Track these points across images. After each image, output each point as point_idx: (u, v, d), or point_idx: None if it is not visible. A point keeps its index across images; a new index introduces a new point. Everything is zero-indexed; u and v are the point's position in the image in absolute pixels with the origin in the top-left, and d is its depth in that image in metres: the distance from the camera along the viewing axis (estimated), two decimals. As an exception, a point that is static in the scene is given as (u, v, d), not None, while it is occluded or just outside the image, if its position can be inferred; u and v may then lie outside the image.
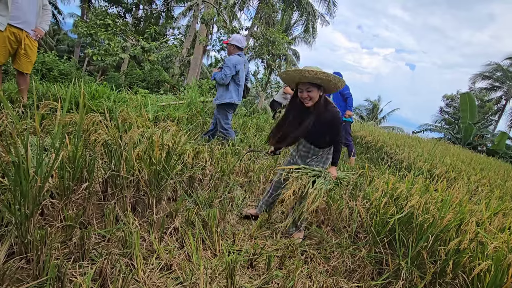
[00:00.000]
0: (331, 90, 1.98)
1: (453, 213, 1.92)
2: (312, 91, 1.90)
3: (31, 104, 2.83)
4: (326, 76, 1.82)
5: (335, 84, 1.89)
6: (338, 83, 1.89)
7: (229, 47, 3.66)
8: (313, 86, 1.90)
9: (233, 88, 3.59)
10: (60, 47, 23.17)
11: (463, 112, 15.54)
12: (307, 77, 1.84)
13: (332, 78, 1.83)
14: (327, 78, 1.83)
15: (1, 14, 2.73)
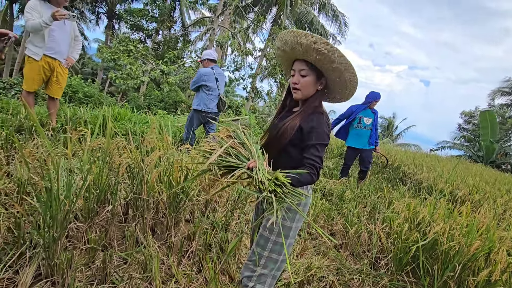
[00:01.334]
0: (335, 89, 1.28)
1: (480, 241, 1.83)
2: (307, 75, 1.23)
3: (59, 127, 3.00)
4: (330, 50, 1.11)
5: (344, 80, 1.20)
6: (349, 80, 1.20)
7: (203, 63, 4.05)
8: (310, 69, 1.22)
9: (202, 97, 3.92)
10: (84, 70, 24.61)
11: (483, 129, 15.02)
12: (302, 44, 1.15)
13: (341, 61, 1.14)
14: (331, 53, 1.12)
15: (38, 45, 2.97)
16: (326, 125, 1.23)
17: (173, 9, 12.66)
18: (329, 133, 1.24)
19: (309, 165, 1.15)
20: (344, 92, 1.28)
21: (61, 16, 2.74)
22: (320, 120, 1.22)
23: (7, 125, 2.54)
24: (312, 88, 1.26)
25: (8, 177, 1.92)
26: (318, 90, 1.27)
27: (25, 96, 3.08)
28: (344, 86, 1.24)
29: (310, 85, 1.25)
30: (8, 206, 1.68)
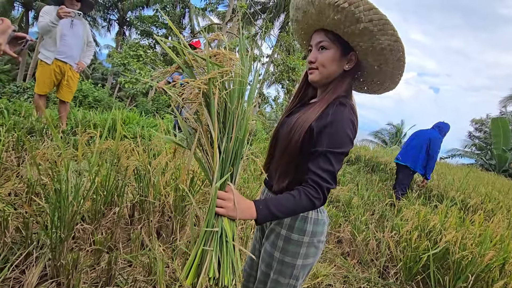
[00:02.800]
0: (371, 69, 0.89)
1: (494, 251, 1.76)
2: (327, 48, 0.87)
3: (69, 130, 3.05)
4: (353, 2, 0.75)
5: (381, 49, 0.80)
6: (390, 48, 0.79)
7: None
8: (332, 40, 0.86)
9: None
10: (95, 75, 25.18)
11: (495, 137, 14.69)
12: (314, 2, 0.82)
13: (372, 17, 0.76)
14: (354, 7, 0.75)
15: (50, 49, 3.05)
16: (349, 124, 0.81)
17: (182, 16, 12.90)
18: (353, 135, 0.82)
19: (311, 182, 0.79)
20: (386, 71, 0.85)
21: (66, 13, 2.79)
22: (340, 115, 0.81)
23: (19, 127, 2.60)
24: (334, 67, 0.87)
25: (18, 177, 1.95)
26: (346, 71, 0.88)
27: (36, 99, 3.15)
28: (384, 60, 0.82)
29: (331, 61, 0.87)
30: (18, 206, 1.70)
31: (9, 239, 1.41)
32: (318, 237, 0.92)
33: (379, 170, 5.92)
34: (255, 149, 4.87)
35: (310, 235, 0.90)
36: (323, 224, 0.93)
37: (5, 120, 2.67)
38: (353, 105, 0.87)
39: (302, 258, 0.90)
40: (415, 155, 4.04)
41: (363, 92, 0.98)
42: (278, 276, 0.92)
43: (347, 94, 0.89)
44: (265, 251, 0.97)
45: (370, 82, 0.94)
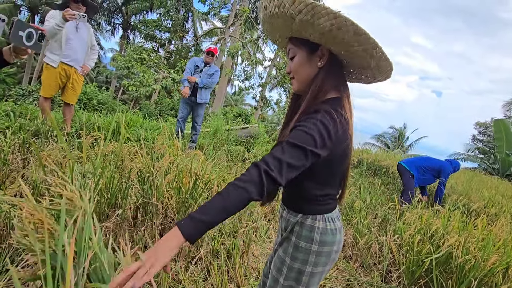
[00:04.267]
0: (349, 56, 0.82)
1: (498, 255, 1.76)
2: (294, 54, 0.88)
3: (74, 132, 3.08)
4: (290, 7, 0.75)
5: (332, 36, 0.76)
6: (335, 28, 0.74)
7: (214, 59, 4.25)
8: (296, 44, 0.87)
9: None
10: (99, 78, 25.40)
11: (498, 140, 14.58)
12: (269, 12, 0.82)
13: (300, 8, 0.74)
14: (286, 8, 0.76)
15: (56, 53, 3.10)
16: (322, 124, 0.74)
17: (185, 20, 13.03)
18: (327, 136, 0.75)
19: (253, 164, 0.71)
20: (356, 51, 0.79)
21: (70, 16, 2.83)
22: (316, 115, 0.76)
23: (24, 129, 2.63)
24: (308, 68, 0.85)
25: (23, 179, 1.98)
26: (321, 68, 0.84)
27: (42, 101, 3.19)
28: (341, 41, 0.76)
29: (301, 65, 0.86)
30: (23, 207, 1.72)
31: (14, 240, 1.43)
32: (329, 247, 0.90)
33: (382, 174, 5.91)
34: (257, 152, 4.89)
35: (319, 244, 0.89)
36: (333, 233, 0.90)
37: (11, 123, 2.71)
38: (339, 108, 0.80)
39: (312, 266, 0.90)
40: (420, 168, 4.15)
41: (362, 82, 0.94)
42: (287, 282, 0.92)
43: (335, 92, 0.85)
44: (278, 257, 0.97)
45: (358, 70, 0.88)
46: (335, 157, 0.82)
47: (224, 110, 8.53)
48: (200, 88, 4.10)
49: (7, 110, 3.21)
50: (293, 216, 0.93)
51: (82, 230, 0.81)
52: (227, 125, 5.92)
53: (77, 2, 3.07)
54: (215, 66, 4.29)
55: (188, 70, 4.10)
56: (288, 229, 0.95)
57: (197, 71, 4.13)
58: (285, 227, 0.97)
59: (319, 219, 0.90)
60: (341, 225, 0.97)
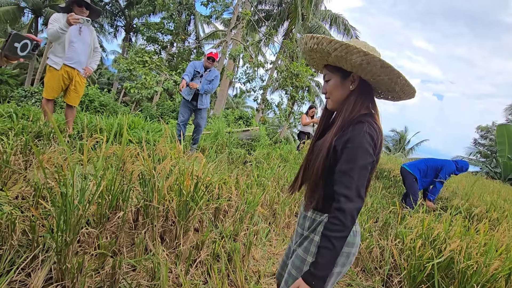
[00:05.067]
0: (376, 81, 0.96)
1: (500, 261, 1.74)
2: (329, 78, 1.03)
3: (75, 134, 3.09)
4: (319, 42, 0.94)
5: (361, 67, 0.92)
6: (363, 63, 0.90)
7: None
8: (330, 70, 1.02)
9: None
10: (101, 80, 25.53)
11: (500, 145, 14.53)
12: (305, 49, 1.03)
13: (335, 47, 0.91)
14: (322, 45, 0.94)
15: (59, 55, 3.12)
16: (367, 137, 0.88)
17: (188, 23, 13.11)
18: (372, 148, 0.89)
19: (334, 210, 0.86)
20: (382, 80, 0.94)
21: (75, 20, 2.85)
22: (358, 130, 0.89)
23: (26, 131, 2.64)
24: (340, 91, 1.01)
25: (25, 181, 1.99)
26: (352, 90, 0.99)
27: (44, 103, 3.20)
28: (369, 72, 0.93)
29: (335, 88, 1.01)
30: (25, 209, 1.73)
31: (15, 242, 1.43)
32: (349, 248, 0.96)
33: (383, 177, 5.89)
34: (258, 155, 4.89)
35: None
36: (354, 235, 0.98)
37: (14, 124, 2.73)
38: (374, 121, 0.95)
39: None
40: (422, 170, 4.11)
41: (388, 100, 1.09)
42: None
43: (360, 108, 0.98)
44: (297, 256, 1.02)
45: (385, 92, 1.03)
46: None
47: (226, 112, 8.55)
48: (201, 94, 4.12)
49: (10, 111, 3.23)
50: (319, 216, 1.01)
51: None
52: (228, 128, 5.93)
53: (80, 6, 3.09)
54: (215, 70, 4.30)
55: (187, 73, 4.08)
56: (311, 228, 1.02)
57: (197, 77, 4.13)
58: (308, 226, 1.04)
59: None
60: (360, 230, 1.06)
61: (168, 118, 7.23)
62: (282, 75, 10.18)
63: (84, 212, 1.43)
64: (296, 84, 9.79)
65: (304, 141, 6.13)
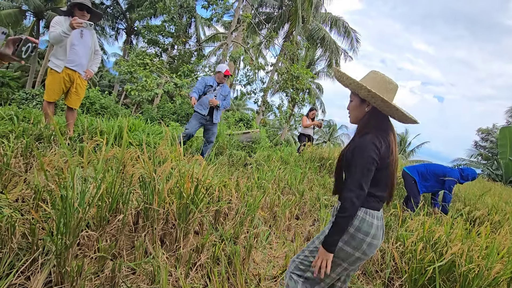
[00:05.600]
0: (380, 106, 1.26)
1: (502, 264, 1.73)
2: (351, 100, 1.35)
3: (76, 136, 3.10)
4: (338, 75, 1.33)
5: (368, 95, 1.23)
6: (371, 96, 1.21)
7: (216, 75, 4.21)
8: (353, 94, 1.34)
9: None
10: (102, 82, 25.59)
11: (501, 147, 14.49)
12: (337, 78, 1.40)
13: (349, 82, 1.27)
14: (340, 77, 1.32)
15: (60, 58, 3.13)
16: (370, 144, 1.17)
17: (188, 26, 13.16)
18: (376, 153, 1.17)
19: (342, 199, 1.17)
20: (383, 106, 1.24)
21: (78, 24, 2.87)
22: (363, 139, 1.19)
23: (27, 134, 2.65)
24: (358, 110, 1.32)
25: (26, 183, 1.99)
26: (367, 112, 1.29)
27: (45, 106, 3.21)
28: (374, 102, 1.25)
29: (355, 108, 1.33)
30: (25, 212, 1.73)
31: (15, 245, 1.43)
32: (362, 235, 1.20)
33: (384, 180, 5.87)
34: (259, 157, 4.88)
35: (355, 228, 1.20)
36: (369, 225, 1.20)
37: (15, 127, 2.73)
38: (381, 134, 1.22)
39: (343, 242, 1.21)
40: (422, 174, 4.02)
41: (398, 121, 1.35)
42: (319, 244, 1.28)
43: (370, 125, 1.26)
44: (323, 232, 1.31)
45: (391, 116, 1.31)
46: (380, 166, 1.20)
47: (226, 114, 8.56)
48: (216, 109, 4.13)
49: (11, 114, 3.24)
50: (338, 204, 1.28)
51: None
52: (229, 130, 5.93)
53: (82, 9, 3.11)
54: (227, 86, 4.34)
55: (196, 90, 4.05)
56: (332, 213, 1.33)
57: (211, 91, 4.10)
58: (332, 213, 1.35)
59: (362, 210, 1.21)
60: (380, 227, 1.25)
61: (168, 120, 7.24)
62: (282, 77, 10.20)
63: (84, 215, 1.43)
64: (297, 86, 9.81)
65: (305, 143, 6.12)
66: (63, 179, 1.31)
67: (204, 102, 4.03)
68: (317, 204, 3.38)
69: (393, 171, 1.24)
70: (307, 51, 15.38)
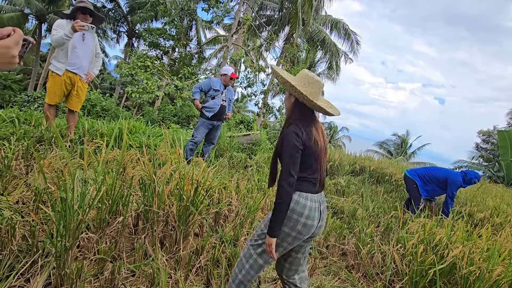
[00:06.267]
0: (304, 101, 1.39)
1: (503, 266, 1.72)
2: (286, 93, 1.53)
3: (77, 139, 3.10)
4: (277, 76, 1.44)
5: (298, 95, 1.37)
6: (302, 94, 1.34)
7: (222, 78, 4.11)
8: (287, 89, 1.49)
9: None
10: (103, 84, 25.68)
11: (502, 149, 14.45)
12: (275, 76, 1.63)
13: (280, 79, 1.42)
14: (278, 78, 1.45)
15: (61, 61, 3.15)
16: (291, 133, 1.32)
17: (189, 28, 13.21)
18: (298, 140, 1.31)
19: (278, 187, 1.29)
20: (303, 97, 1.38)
21: (80, 27, 2.88)
22: (287, 130, 1.34)
23: (28, 136, 2.66)
24: (287, 102, 1.47)
25: (26, 186, 1.99)
26: (292, 103, 1.43)
27: (46, 108, 3.22)
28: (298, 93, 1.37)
29: (286, 99, 1.49)
30: (25, 214, 1.73)
31: (15, 247, 1.43)
32: (297, 215, 1.32)
33: (384, 182, 5.86)
34: (259, 159, 4.88)
35: (290, 210, 1.32)
36: (302, 207, 1.32)
37: (16, 129, 2.74)
38: (302, 124, 1.36)
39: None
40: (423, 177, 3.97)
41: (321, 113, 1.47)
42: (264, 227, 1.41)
43: (294, 115, 1.40)
44: (268, 215, 1.46)
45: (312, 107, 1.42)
46: (306, 152, 1.33)
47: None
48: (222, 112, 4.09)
49: (12, 116, 3.25)
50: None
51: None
52: (229, 132, 5.94)
53: (84, 13, 3.13)
54: (232, 89, 4.29)
55: (198, 90, 3.97)
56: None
57: (218, 95, 3.99)
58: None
59: (296, 193, 1.34)
60: (315, 208, 1.35)
61: (169, 122, 7.25)
62: (283, 80, 10.20)
63: (84, 217, 1.43)
64: (297, 89, 9.81)
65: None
66: (63, 181, 1.31)
67: (212, 107, 3.93)
68: (317, 206, 3.37)
69: (319, 157, 1.37)
70: (307, 53, 15.41)
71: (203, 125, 3.94)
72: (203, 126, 3.95)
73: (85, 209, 1.44)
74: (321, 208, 1.38)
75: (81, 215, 1.41)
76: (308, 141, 1.32)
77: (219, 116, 4.01)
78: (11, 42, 0.68)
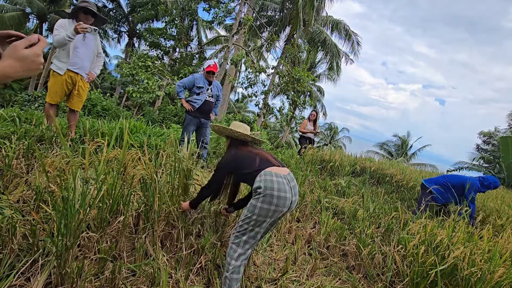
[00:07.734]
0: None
1: (505, 268, 1.72)
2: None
3: (77, 138, 3.10)
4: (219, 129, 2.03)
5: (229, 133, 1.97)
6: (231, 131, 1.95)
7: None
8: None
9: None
10: (104, 84, 25.70)
11: (504, 151, 14.45)
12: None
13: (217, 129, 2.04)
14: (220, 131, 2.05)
15: (63, 60, 3.15)
16: (226, 159, 1.87)
17: (190, 28, 13.24)
18: (226, 163, 1.86)
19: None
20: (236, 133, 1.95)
21: (83, 29, 2.89)
22: (224, 156, 1.92)
23: (29, 135, 2.66)
24: (227, 142, 2.03)
25: (27, 185, 1.99)
26: (229, 142, 2.00)
27: (47, 108, 3.22)
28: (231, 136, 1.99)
29: (226, 141, 2.06)
30: (26, 213, 1.73)
31: (16, 246, 1.43)
32: (270, 191, 1.58)
33: (385, 182, 5.85)
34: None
35: (264, 188, 1.59)
36: (271, 182, 1.60)
37: (17, 128, 2.74)
38: (235, 150, 1.90)
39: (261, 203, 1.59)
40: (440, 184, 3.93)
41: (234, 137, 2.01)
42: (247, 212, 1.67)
43: (231, 147, 1.94)
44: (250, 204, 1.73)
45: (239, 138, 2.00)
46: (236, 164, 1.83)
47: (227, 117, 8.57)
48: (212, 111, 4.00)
49: (13, 115, 3.25)
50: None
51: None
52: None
53: (86, 14, 3.13)
54: (217, 82, 4.11)
55: (181, 85, 3.85)
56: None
57: (203, 92, 3.85)
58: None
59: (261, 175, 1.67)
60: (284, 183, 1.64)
61: (169, 122, 7.25)
62: (283, 80, 10.22)
63: (84, 216, 1.43)
64: (298, 89, 9.82)
65: (306, 145, 6.11)
66: (64, 180, 1.31)
67: (195, 101, 3.81)
68: (318, 207, 3.37)
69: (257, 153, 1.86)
70: (308, 54, 15.41)
71: (190, 122, 3.83)
72: (190, 124, 3.83)
73: (86, 209, 1.44)
74: (291, 184, 1.66)
75: (82, 214, 1.41)
76: (240, 160, 1.84)
77: (205, 112, 3.87)
78: (40, 49, 0.70)
